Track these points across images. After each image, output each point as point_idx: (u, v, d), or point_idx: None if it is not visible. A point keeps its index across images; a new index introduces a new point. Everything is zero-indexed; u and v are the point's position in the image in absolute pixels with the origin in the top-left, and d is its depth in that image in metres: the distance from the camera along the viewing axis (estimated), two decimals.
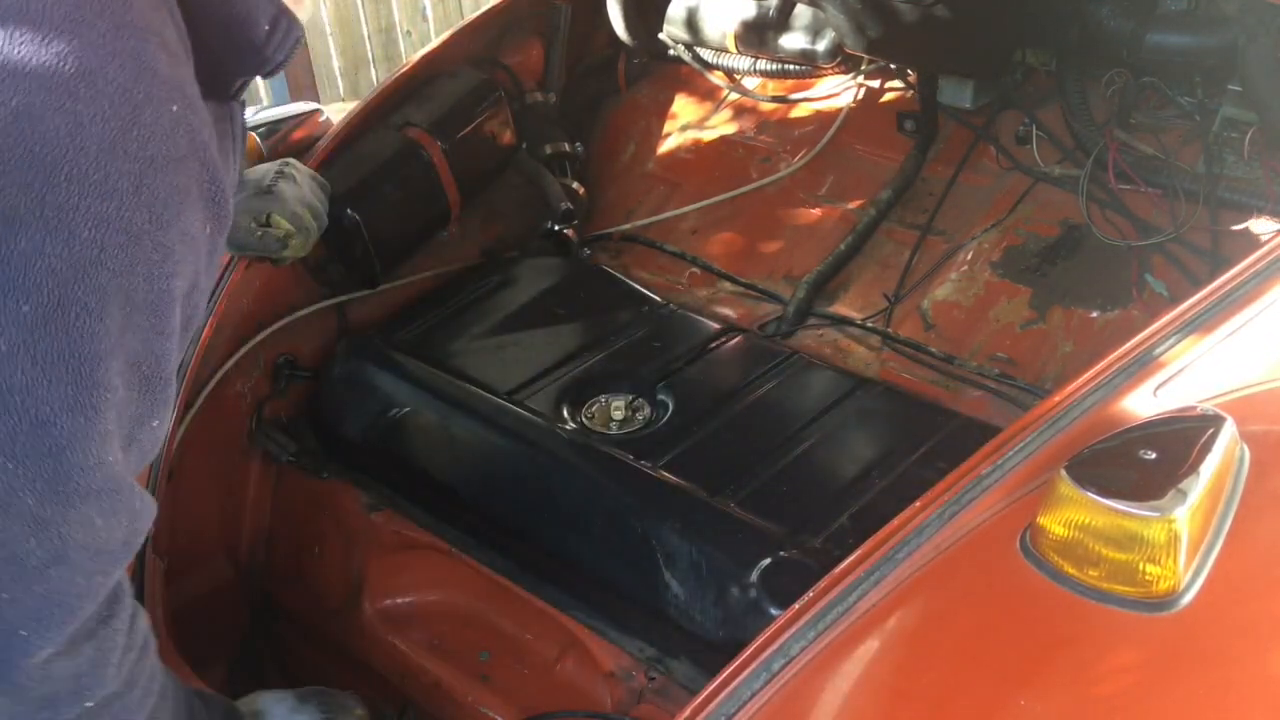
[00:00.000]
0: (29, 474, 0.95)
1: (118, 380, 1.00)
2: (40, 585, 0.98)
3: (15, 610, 0.98)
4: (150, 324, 1.02)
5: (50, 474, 0.96)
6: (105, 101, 0.97)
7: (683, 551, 1.41)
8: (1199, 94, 1.83)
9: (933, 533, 1.05)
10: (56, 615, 1.01)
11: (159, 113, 1.01)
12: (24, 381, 0.93)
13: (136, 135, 0.99)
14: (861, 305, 1.96)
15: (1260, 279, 1.24)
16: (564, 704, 1.44)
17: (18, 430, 0.94)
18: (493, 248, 2.18)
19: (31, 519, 0.96)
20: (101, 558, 1.03)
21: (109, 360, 0.98)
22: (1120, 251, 1.83)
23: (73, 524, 0.98)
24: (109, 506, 1.01)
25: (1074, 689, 0.93)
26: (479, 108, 2.06)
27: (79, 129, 0.96)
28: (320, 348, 1.90)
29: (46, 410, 0.95)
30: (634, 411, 1.68)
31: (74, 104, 0.95)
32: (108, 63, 0.98)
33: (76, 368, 0.96)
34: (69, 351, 0.95)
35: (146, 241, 1.00)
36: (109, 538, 1.03)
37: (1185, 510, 0.94)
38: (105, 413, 0.99)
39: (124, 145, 0.98)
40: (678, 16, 2.24)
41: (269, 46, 1.17)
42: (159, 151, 1.01)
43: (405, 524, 1.65)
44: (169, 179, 1.02)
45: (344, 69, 5.14)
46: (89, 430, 0.98)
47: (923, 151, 2.09)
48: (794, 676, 0.97)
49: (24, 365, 0.93)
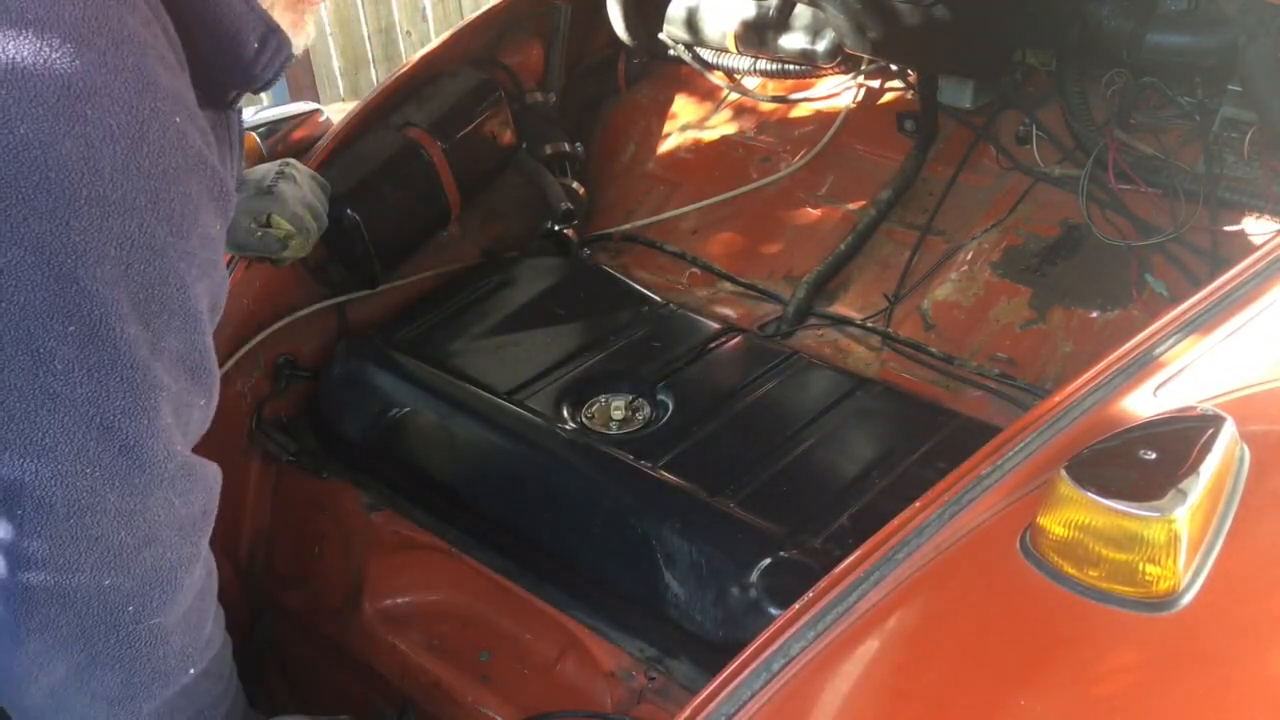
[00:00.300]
0: (106, 474, 1.03)
1: (167, 378, 1.07)
2: (138, 567, 1.08)
3: (119, 593, 1.07)
4: (185, 323, 1.09)
5: (125, 471, 1.05)
6: (113, 120, 0.99)
7: (683, 551, 1.41)
8: (1199, 94, 1.83)
9: (933, 533, 1.05)
10: (156, 590, 1.10)
11: (165, 126, 1.04)
12: (84, 394, 1.01)
13: (147, 151, 1.02)
14: (861, 305, 1.96)
15: (1260, 279, 1.24)
16: (564, 704, 1.44)
17: (87, 438, 1.02)
18: (493, 248, 2.18)
19: (117, 513, 1.05)
20: (186, 531, 1.12)
21: (155, 362, 1.06)
22: (1120, 251, 1.83)
23: (154, 509, 1.08)
24: (183, 487, 1.11)
25: (1074, 689, 0.93)
26: (479, 108, 2.06)
27: (91, 151, 0.98)
28: (320, 348, 1.90)
29: (109, 416, 1.03)
30: (634, 411, 1.68)
31: (83, 127, 0.98)
32: (111, 80, 1.00)
33: (128, 374, 1.03)
34: (118, 360, 1.02)
35: (170, 252, 1.05)
36: (189, 513, 1.12)
37: (1185, 510, 0.94)
38: (162, 408, 1.07)
39: (137, 162, 1.01)
40: (678, 16, 2.24)
41: (257, 64, 1.19)
42: (170, 164, 1.04)
43: (405, 524, 1.65)
44: (182, 188, 1.06)
45: (344, 69, 5.14)
46: (151, 427, 1.06)
47: (923, 151, 2.09)
48: (794, 677, 0.97)
49: (81, 379, 1.01)
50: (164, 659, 1.13)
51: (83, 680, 1.10)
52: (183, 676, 1.15)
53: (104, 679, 1.11)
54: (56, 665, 1.09)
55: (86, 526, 1.04)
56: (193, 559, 1.15)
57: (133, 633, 1.09)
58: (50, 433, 1.01)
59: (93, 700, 1.12)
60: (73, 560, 1.05)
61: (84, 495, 1.03)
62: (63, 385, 1.00)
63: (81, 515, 1.04)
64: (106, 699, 1.12)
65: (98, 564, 1.06)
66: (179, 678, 1.15)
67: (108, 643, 1.09)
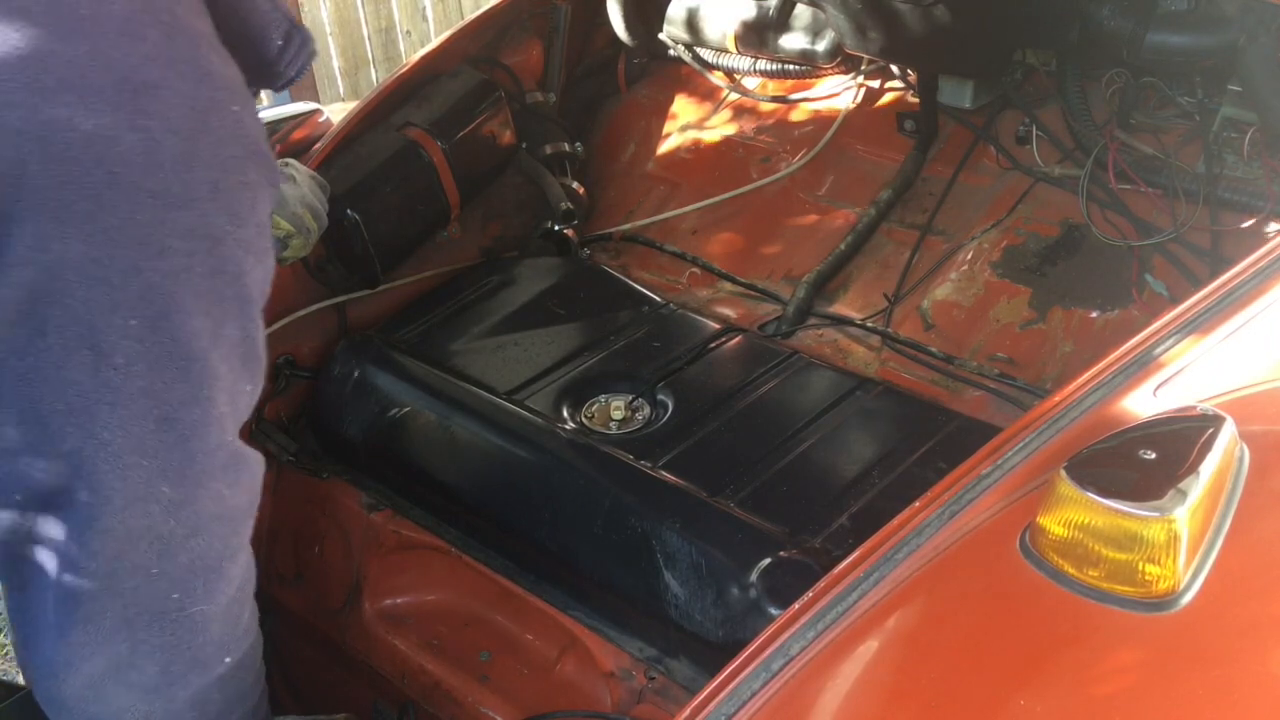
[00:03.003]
0: (162, 466, 1.05)
1: (223, 367, 1.09)
2: (184, 556, 1.10)
3: (165, 581, 1.10)
4: (241, 310, 1.11)
5: (180, 462, 1.06)
6: (174, 114, 1.00)
7: (683, 551, 1.41)
8: (1199, 94, 1.83)
9: (933, 532, 1.05)
10: (201, 579, 1.12)
11: (223, 116, 1.05)
12: (144, 386, 1.02)
13: (208, 142, 1.03)
14: (861, 305, 1.96)
15: (1260, 279, 1.24)
16: (564, 704, 1.44)
17: (146, 430, 1.04)
18: (493, 248, 2.18)
19: (169, 503, 1.07)
20: (232, 522, 1.15)
21: (213, 353, 1.07)
22: (1120, 251, 1.83)
23: (204, 500, 1.10)
24: (233, 478, 1.13)
25: (1074, 689, 0.93)
26: (479, 108, 2.06)
27: (154, 145, 0.99)
28: (320, 348, 1.90)
29: (168, 408, 1.04)
30: (634, 411, 1.68)
31: (145, 120, 0.99)
32: (168, 72, 1.01)
33: (187, 367, 1.05)
34: (178, 353, 1.04)
35: (229, 241, 1.07)
36: (235, 504, 1.14)
37: (1185, 510, 0.94)
38: (219, 398, 1.09)
39: (197, 154, 1.02)
40: (678, 16, 2.24)
41: (281, 61, 1.20)
42: (230, 153, 1.06)
43: (405, 524, 1.65)
44: (239, 178, 1.07)
45: (344, 69, 5.14)
46: (207, 418, 1.08)
47: (923, 151, 2.09)
48: (794, 676, 0.97)
49: (141, 372, 1.02)
50: (203, 647, 1.15)
51: (122, 670, 1.12)
52: (219, 665, 1.17)
53: (143, 668, 1.12)
54: (98, 656, 1.10)
55: (139, 517, 1.06)
56: (238, 549, 1.16)
57: (176, 620, 1.11)
58: (110, 426, 1.02)
59: (130, 689, 1.13)
60: (124, 551, 1.06)
61: (139, 487, 1.05)
62: (123, 379, 1.01)
63: (136, 507, 1.05)
64: (144, 688, 1.14)
65: (147, 553, 1.07)
66: (215, 666, 1.17)
67: (150, 631, 1.10)
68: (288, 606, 1.74)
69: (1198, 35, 1.72)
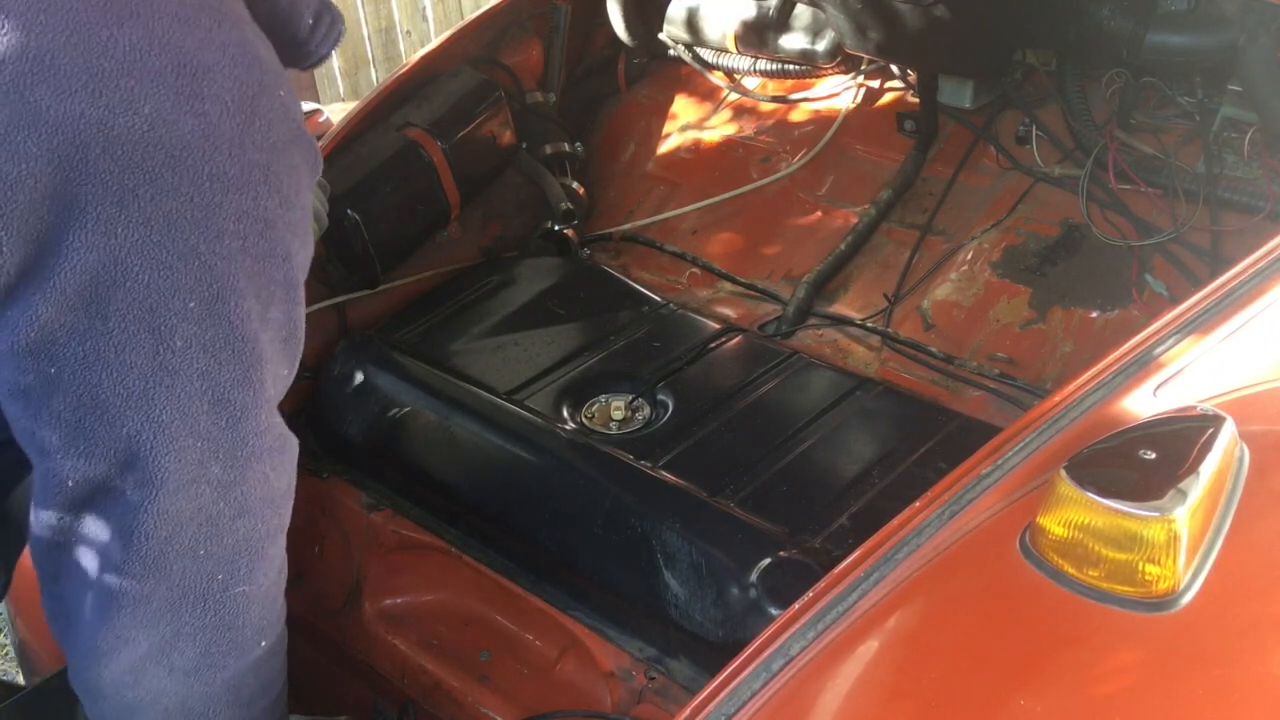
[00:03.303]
0: (213, 447, 1.07)
1: (269, 350, 1.11)
2: (230, 537, 1.12)
3: (212, 561, 1.11)
4: (287, 294, 1.12)
5: (230, 444, 1.09)
6: (229, 97, 1.03)
7: (683, 551, 1.41)
8: (1199, 94, 1.83)
9: (933, 532, 1.05)
10: (244, 559, 1.14)
11: (272, 100, 1.07)
12: (199, 368, 1.05)
13: (259, 126, 1.05)
14: (861, 305, 1.96)
15: (1260, 279, 1.24)
16: (564, 704, 1.44)
17: (199, 411, 1.06)
18: (493, 248, 2.18)
19: (219, 484, 1.09)
20: (275, 504, 1.17)
21: (263, 335, 1.10)
22: (1120, 251, 1.83)
23: (251, 482, 1.12)
24: (278, 461, 1.15)
25: (1074, 689, 0.93)
26: (479, 108, 2.06)
27: (211, 129, 1.01)
28: (320, 348, 1.90)
29: (221, 390, 1.06)
30: (634, 411, 1.68)
31: (201, 104, 1.01)
32: (221, 57, 1.03)
33: (240, 348, 1.07)
34: (233, 335, 1.06)
35: (280, 224, 1.08)
36: (278, 485, 1.17)
37: (1185, 510, 0.94)
38: (268, 381, 1.11)
39: (251, 137, 1.04)
40: (678, 16, 2.24)
41: (313, 40, 1.22)
42: (279, 137, 1.08)
43: (405, 524, 1.65)
44: (288, 161, 1.09)
45: (344, 69, 5.14)
46: (257, 400, 1.10)
47: (923, 151, 2.09)
48: (794, 676, 0.97)
49: (197, 354, 1.04)
50: (242, 629, 1.16)
51: (164, 653, 1.13)
52: (256, 649, 1.19)
53: (185, 650, 1.14)
54: (142, 639, 1.12)
55: (189, 498, 1.07)
56: (279, 530, 1.18)
57: (219, 601, 1.13)
58: (166, 408, 1.04)
59: (171, 673, 1.14)
60: (175, 533, 1.08)
61: (191, 468, 1.06)
62: (180, 361, 1.03)
63: (187, 488, 1.07)
64: (184, 670, 1.15)
65: (196, 534, 1.09)
66: (253, 650, 1.18)
67: (194, 613, 1.12)
68: (288, 606, 1.73)
69: (1198, 35, 1.72)
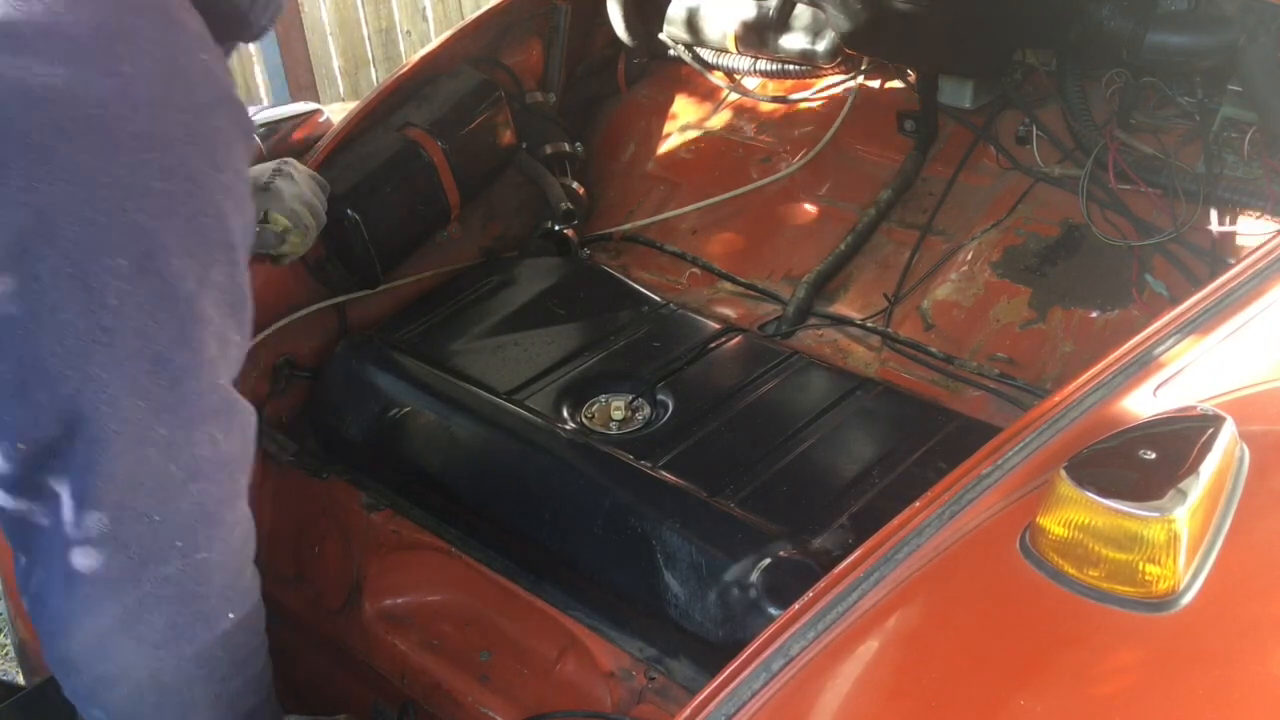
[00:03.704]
0: (156, 407, 1.08)
1: (212, 311, 1.11)
2: (184, 501, 1.12)
3: (168, 527, 1.12)
4: (226, 256, 1.13)
5: (174, 404, 1.09)
6: (146, 59, 1.05)
7: (683, 551, 1.41)
8: (1199, 94, 1.83)
9: (933, 533, 1.05)
10: (201, 525, 1.14)
11: (193, 62, 1.09)
12: (135, 326, 1.05)
13: (180, 87, 1.07)
14: (861, 305, 1.96)
15: (1260, 279, 1.24)
16: (564, 704, 1.44)
17: (139, 370, 1.06)
18: (493, 248, 2.18)
19: (166, 445, 1.09)
20: (227, 468, 1.16)
21: (202, 296, 1.10)
22: (1120, 251, 1.83)
23: (199, 444, 1.12)
24: (226, 423, 1.15)
25: (1074, 689, 0.93)
26: (479, 108, 2.06)
27: (128, 88, 1.03)
28: (320, 348, 1.90)
29: (159, 348, 1.07)
30: (634, 411, 1.68)
31: (119, 65, 1.03)
32: (137, 20, 1.05)
33: (176, 307, 1.07)
34: (167, 293, 1.06)
35: (209, 184, 1.09)
36: (229, 450, 1.16)
37: (1185, 510, 0.94)
38: (209, 341, 1.11)
39: (170, 98, 1.06)
40: (678, 16, 2.24)
41: (253, 11, 1.23)
42: (202, 98, 1.09)
43: (405, 524, 1.65)
44: (214, 123, 1.10)
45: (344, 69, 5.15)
46: (197, 359, 1.10)
47: (923, 151, 2.09)
48: (794, 677, 0.97)
49: (132, 312, 1.05)
50: (207, 598, 1.16)
51: (130, 624, 1.13)
52: (223, 620, 1.19)
53: (151, 621, 1.14)
54: (105, 609, 1.12)
55: (138, 461, 1.08)
56: (235, 496, 1.18)
57: (181, 569, 1.13)
58: (105, 367, 1.05)
59: (138, 645, 1.15)
60: (124, 496, 1.08)
61: (136, 428, 1.07)
62: (115, 319, 1.04)
63: (134, 449, 1.07)
64: (152, 642, 1.15)
65: (149, 498, 1.09)
66: (220, 621, 1.18)
67: (156, 582, 1.12)
68: (288, 606, 1.73)
69: (1198, 35, 1.72)
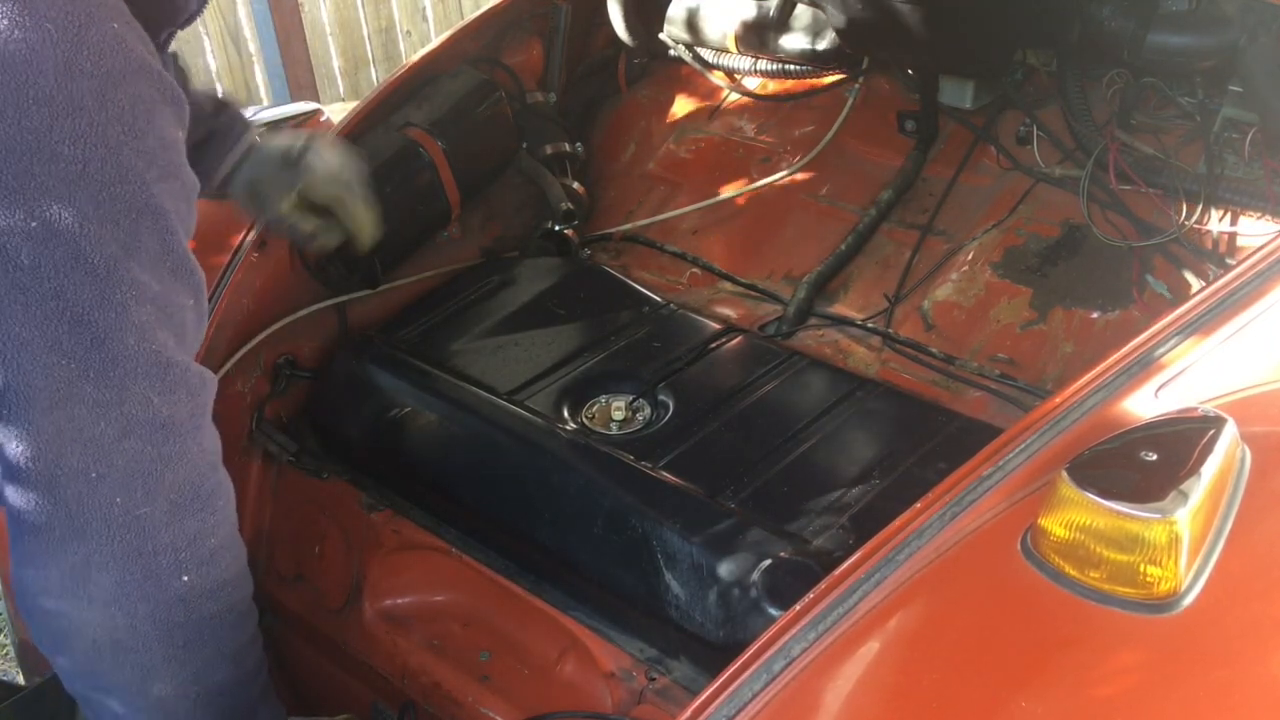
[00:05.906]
0: (80, 366, 1.09)
1: (146, 276, 1.12)
2: (119, 459, 1.12)
3: (105, 484, 1.12)
4: (155, 223, 1.12)
5: (100, 364, 1.09)
6: (51, 25, 1.05)
7: (683, 552, 1.41)
8: (1199, 94, 1.83)
9: (934, 534, 1.05)
10: (139, 481, 1.14)
11: (103, 30, 1.09)
12: (51, 288, 1.06)
13: (88, 54, 1.07)
14: (862, 305, 1.96)
15: (1261, 279, 1.24)
16: (564, 704, 1.44)
17: (59, 331, 1.07)
18: (493, 248, 2.18)
19: (95, 404, 1.10)
20: (165, 429, 1.16)
21: (130, 261, 1.10)
22: (1121, 252, 1.83)
23: (132, 404, 1.12)
24: (161, 385, 1.14)
25: (1075, 690, 0.93)
26: (479, 108, 2.06)
27: (33, 54, 1.04)
28: (320, 348, 1.90)
29: (79, 309, 1.07)
30: (634, 412, 1.68)
31: (23, 32, 1.04)
32: None
33: (92, 269, 1.07)
34: (82, 255, 1.07)
35: (126, 150, 1.09)
36: (172, 413, 1.16)
37: (1186, 512, 0.94)
38: (140, 305, 1.11)
39: (79, 64, 1.06)
40: (678, 16, 2.24)
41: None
42: (112, 65, 1.09)
43: (405, 524, 1.65)
44: (130, 90, 1.10)
45: (344, 69, 5.15)
46: (122, 321, 1.10)
47: (923, 152, 2.09)
48: (795, 678, 0.97)
49: (48, 274, 1.06)
50: (154, 555, 1.17)
51: (79, 582, 1.15)
52: (175, 581, 1.19)
53: (99, 580, 1.15)
54: (53, 567, 1.14)
55: (67, 418, 1.09)
56: (178, 456, 1.17)
57: (123, 525, 1.14)
58: (27, 326, 1.06)
59: (90, 604, 1.16)
60: (58, 453, 1.10)
61: (62, 386, 1.08)
62: (30, 279, 1.05)
63: (61, 407, 1.09)
64: (103, 601, 1.16)
65: (82, 456, 1.11)
66: (172, 582, 1.19)
67: (100, 540, 1.13)
68: (288, 606, 1.73)
69: (1198, 35, 1.72)
